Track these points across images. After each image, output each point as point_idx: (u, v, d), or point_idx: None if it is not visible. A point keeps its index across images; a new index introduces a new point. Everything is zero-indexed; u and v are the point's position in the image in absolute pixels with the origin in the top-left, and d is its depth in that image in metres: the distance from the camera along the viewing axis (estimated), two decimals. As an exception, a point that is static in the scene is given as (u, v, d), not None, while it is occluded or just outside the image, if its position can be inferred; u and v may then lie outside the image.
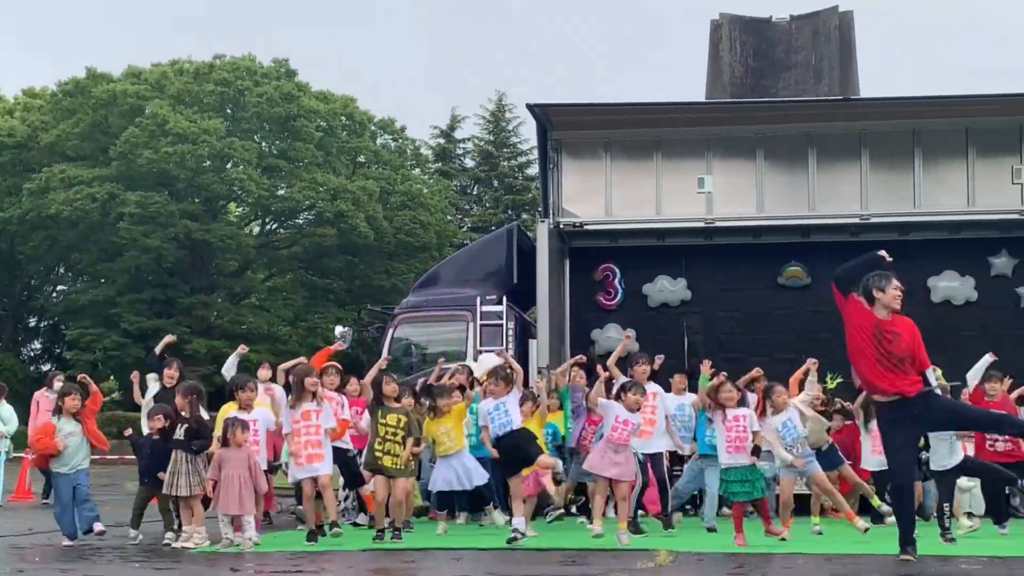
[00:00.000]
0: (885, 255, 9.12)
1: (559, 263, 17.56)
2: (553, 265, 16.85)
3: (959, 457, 11.52)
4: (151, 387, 13.35)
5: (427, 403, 12.06)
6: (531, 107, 16.79)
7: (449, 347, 17.57)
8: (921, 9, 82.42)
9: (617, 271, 17.93)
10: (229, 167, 39.11)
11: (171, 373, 13.16)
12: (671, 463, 13.99)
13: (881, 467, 11.86)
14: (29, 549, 11.12)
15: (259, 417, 11.75)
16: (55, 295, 43.75)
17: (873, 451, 12.81)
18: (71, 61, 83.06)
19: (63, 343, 41.61)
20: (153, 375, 13.46)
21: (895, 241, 15.51)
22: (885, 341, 8.98)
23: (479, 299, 17.03)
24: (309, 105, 39.58)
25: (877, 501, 12.51)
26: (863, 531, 11.06)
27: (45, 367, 40.64)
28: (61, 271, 43.68)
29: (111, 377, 41.72)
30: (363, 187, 38.96)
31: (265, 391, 12.70)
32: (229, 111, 39.79)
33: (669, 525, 12.56)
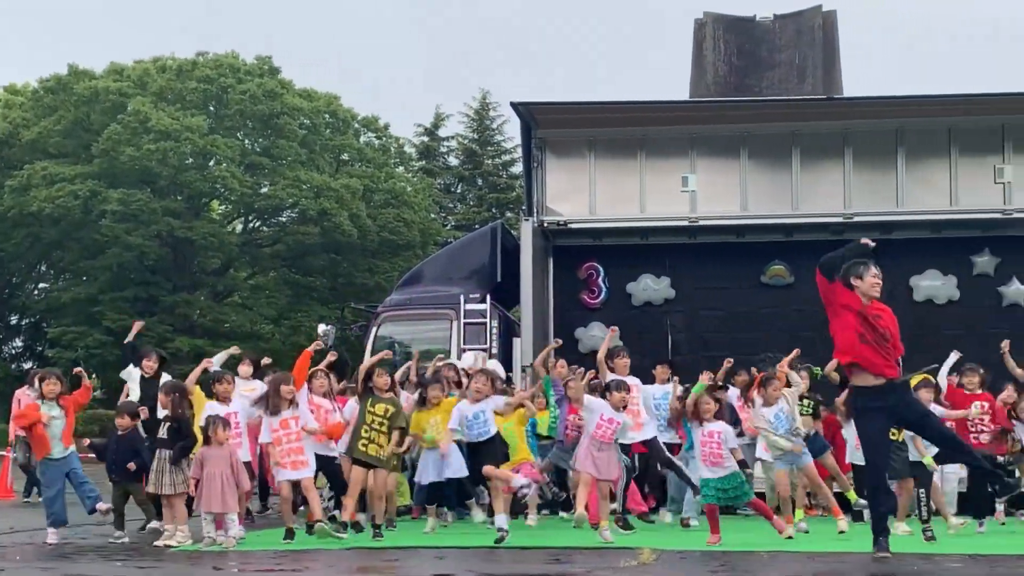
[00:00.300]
0: (869, 242, 9.18)
1: (543, 261, 17.56)
2: (537, 263, 16.84)
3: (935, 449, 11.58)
4: (132, 382, 13.29)
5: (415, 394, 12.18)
6: (515, 105, 16.78)
7: (432, 346, 17.54)
8: (904, 9, 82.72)
9: (601, 270, 17.95)
10: (212, 165, 38.96)
11: (150, 364, 13.10)
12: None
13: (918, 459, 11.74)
14: (10, 548, 11.05)
15: (239, 409, 11.71)
16: (36, 293, 43.54)
17: (858, 445, 12.83)
18: (53, 58, 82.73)
19: (45, 341, 41.41)
20: (130, 369, 13.39)
21: (878, 240, 15.52)
22: (869, 323, 9.06)
23: (463, 297, 17.00)
24: (292, 103, 39.48)
25: (854, 496, 12.56)
26: (842, 532, 11.06)
27: (26, 365, 40.48)
28: (43, 269, 43.47)
29: (93, 375, 41.55)
30: (346, 185, 38.89)
31: (246, 390, 12.70)
32: (212, 108, 39.64)
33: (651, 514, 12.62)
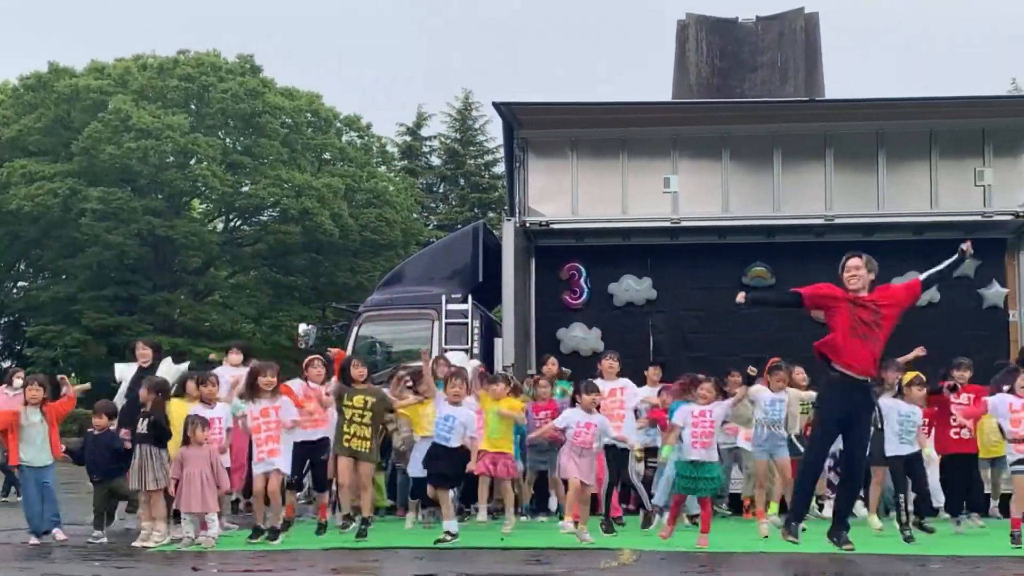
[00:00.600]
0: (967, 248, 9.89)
1: (525, 262, 17.55)
2: (519, 264, 16.83)
3: (912, 448, 11.62)
4: (126, 375, 13.23)
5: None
6: (497, 105, 16.75)
7: (414, 346, 17.51)
8: (886, 12, 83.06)
9: (583, 270, 17.93)
10: (193, 163, 38.81)
11: (143, 351, 13.04)
12: (646, 455, 14.10)
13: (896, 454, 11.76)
14: (-13, 548, 10.99)
15: (222, 415, 11.67)
16: (15, 291, 43.27)
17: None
18: (34, 55, 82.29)
19: (23, 340, 41.16)
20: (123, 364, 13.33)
21: (859, 242, 15.58)
22: (853, 316, 9.22)
23: (444, 297, 16.96)
24: (274, 101, 39.36)
25: (774, 507, 12.59)
26: (763, 536, 11.07)
27: (5, 364, 40.23)
28: (22, 267, 43.21)
29: (72, 375, 41.35)
30: (328, 184, 38.79)
31: (233, 377, 12.75)
32: (193, 107, 39.49)
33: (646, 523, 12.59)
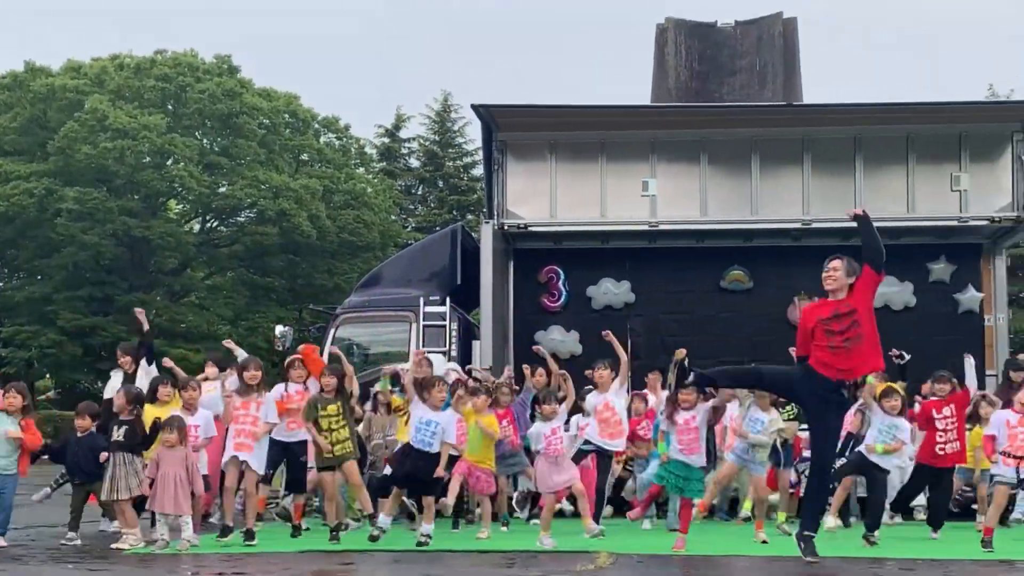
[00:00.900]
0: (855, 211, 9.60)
1: (503, 264, 17.55)
2: (497, 266, 16.82)
3: (897, 461, 11.67)
4: (112, 379, 13.15)
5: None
6: (476, 107, 16.74)
7: (391, 348, 17.48)
8: (864, 17, 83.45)
9: (561, 273, 17.95)
10: (170, 164, 38.62)
11: (124, 359, 12.95)
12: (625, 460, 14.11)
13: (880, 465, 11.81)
14: (-41, 550, 10.88)
15: (200, 423, 11.60)
16: (-10, 291, 42.97)
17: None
18: (9, 55, 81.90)
19: (-2, 340, 40.87)
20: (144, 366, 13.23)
21: (836, 246, 15.63)
22: (823, 324, 9.24)
23: (422, 300, 16.94)
24: (252, 102, 39.20)
25: (782, 517, 12.60)
26: (761, 540, 11.04)
27: (-21, 365, 39.95)
28: (-4, 267, 42.91)
29: (47, 375, 41.09)
30: (306, 185, 38.67)
31: (214, 387, 12.69)
32: (170, 107, 39.30)
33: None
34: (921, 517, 13.27)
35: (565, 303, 17.88)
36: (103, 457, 11.15)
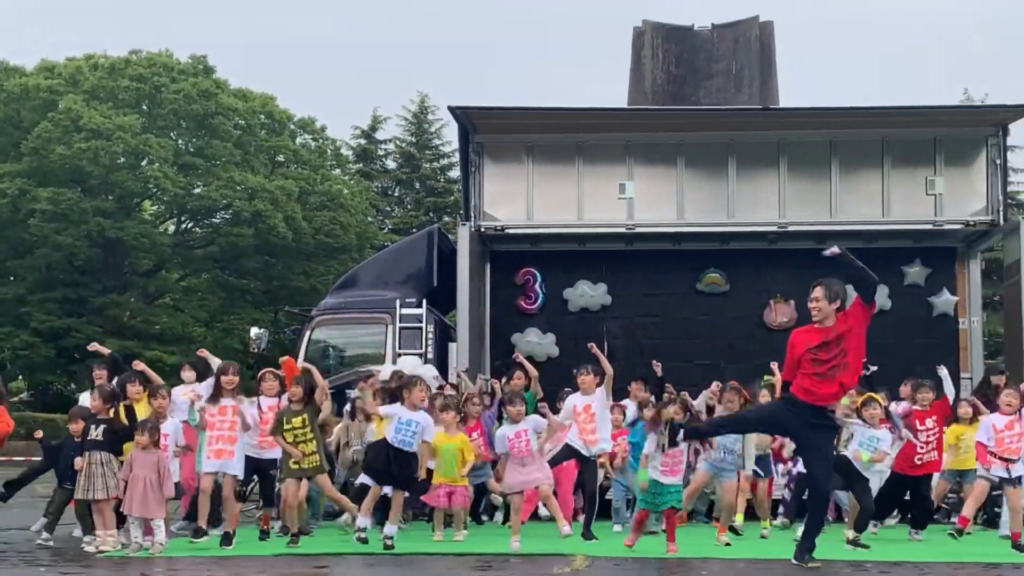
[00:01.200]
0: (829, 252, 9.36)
1: (480, 266, 17.52)
2: (474, 268, 16.80)
3: (882, 473, 11.70)
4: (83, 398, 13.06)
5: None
6: (453, 109, 16.72)
7: (368, 350, 17.43)
8: (840, 21, 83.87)
9: (538, 275, 17.94)
10: (144, 164, 38.44)
11: (99, 373, 12.88)
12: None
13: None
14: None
15: (170, 432, 11.50)
16: (-38, 293, 42.64)
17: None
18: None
19: (-30, 342, 40.57)
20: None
21: (812, 249, 15.68)
22: (809, 355, 9.21)
23: (399, 302, 16.88)
24: (227, 103, 39.07)
25: (767, 524, 12.62)
26: (724, 544, 11.03)
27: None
28: (-31, 268, 42.59)
29: (19, 377, 40.78)
30: (282, 187, 38.56)
31: (189, 392, 12.61)
32: (145, 107, 39.13)
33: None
34: (892, 522, 13.29)
35: (542, 305, 17.87)
36: (78, 464, 11.06)
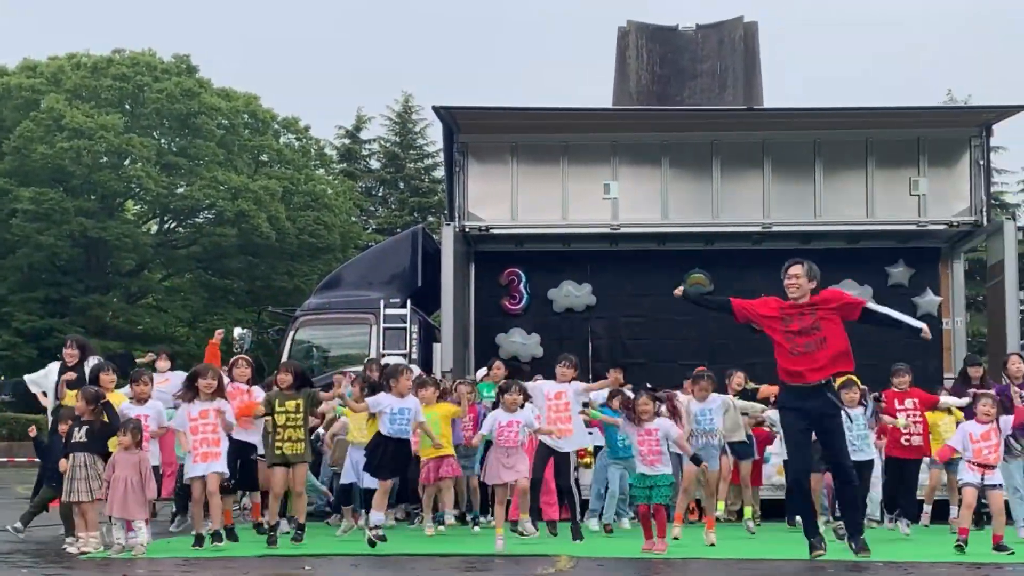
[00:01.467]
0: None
1: (464, 267, 17.49)
2: (458, 269, 16.76)
3: (865, 455, 11.73)
4: (52, 373, 12.99)
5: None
6: (437, 109, 16.68)
7: (352, 350, 17.38)
8: (823, 21, 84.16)
9: (522, 275, 17.92)
10: (127, 164, 38.31)
11: (71, 351, 12.84)
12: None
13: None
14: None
15: (151, 412, 11.47)
16: (-57, 293, 42.42)
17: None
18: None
19: (-49, 342, 40.36)
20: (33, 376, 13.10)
21: (796, 250, 15.71)
22: (783, 331, 9.20)
23: (383, 302, 16.83)
24: (210, 102, 38.96)
25: (749, 512, 12.65)
26: (710, 543, 11.03)
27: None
28: (-50, 268, 42.37)
29: (1, 377, 40.55)
30: (265, 186, 38.46)
31: (163, 380, 12.78)
32: (128, 107, 39.00)
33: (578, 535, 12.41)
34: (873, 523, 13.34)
35: (526, 306, 17.85)
36: (62, 466, 11.00)
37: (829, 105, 17.45)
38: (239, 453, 11.77)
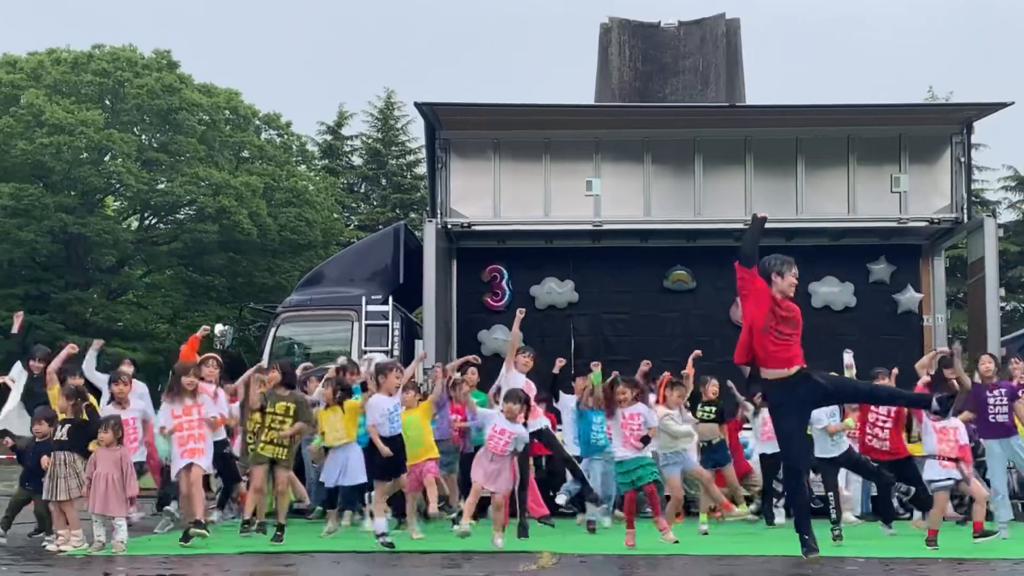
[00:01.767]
0: (763, 215, 9.22)
1: (446, 263, 17.47)
2: (440, 265, 16.74)
3: (843, 448, 11.75)
4: (19, 379, 12.86)
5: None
6: (419, 105, 16.64)
7: (333, 347, 17.34)
8: (806, 19, 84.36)
9: (505, 272, 17.91)
10: (107, 160, 38.07)
11: (36, 364, 12.74)
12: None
13: (774, 451, 11.92)
14: None
15: (136, 415, 11.47)
16: (-79, 289, 42.14)
17: (763, 436, 13.04)
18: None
19: (-71, 338, 40.10)
20: (18, 368, 12.96)
21: (778, 247, 15.76)
22: (777, 315, 9.12)
23: (364, 299, 16.82)
24: (191, 98, 38.74)
25: (744, 507, 12.69)
26: (750, 516, 11.05)
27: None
28: (-72, 264, 42.09)
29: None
30: (247, 183, 38.29)
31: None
32: (108, 102, 38.75)
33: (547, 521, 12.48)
34: (853, 517, 13.36)
35: (509, 302, 17.82)
36: (44, 463, 10.96)
37: (811, 102, 17.47)
38: (217, 450, 11.75)
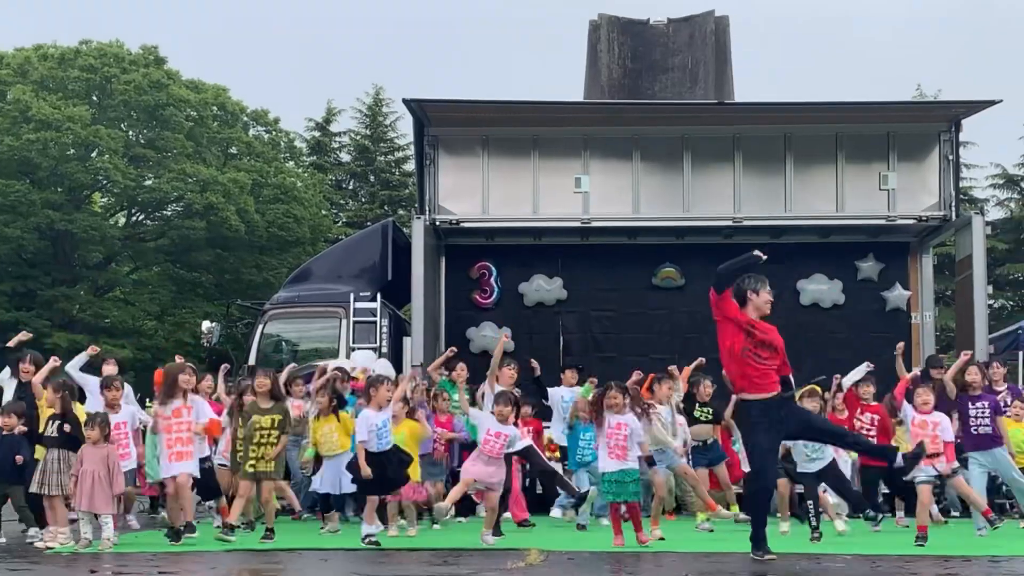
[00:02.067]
0: (760, 254, 9.12)
1: (435, 260, 17.45)
2: (428, 262, 16.72)
3: (827, 459, 11.73)
4: (7, 386, 12.75)
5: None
6: (408, 102, 16.62)
7: (321, 344, 17.32)
8: (795, 17, 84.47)
9: (493, 269, 17.89)
10: (94, 156, 37.92)
11: (26, 367, 12.64)
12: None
13: (805, 471, 11.83)
14: None
15: (127, 419, 11.42)
16: (-93, 285, 41.94)
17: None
18: (-72, 42, 79.85)
19: (-85, 335, 39.91)
20: (7, 373, 12.86)
21: (767, 244, 15.77)
22: (755, 340, 9.05)
23: (353, 296, 16.80)
24: (179, 94, 38.62)
25: (735, 508, 12.67)
26: (658, 537, 10.98)
27: None
28: (-86, 260, 41.89)
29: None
30: (234, 179, 38.18)
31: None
32: (95, 98, 38.60)
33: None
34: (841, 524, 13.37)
35: (497, 300, 17.82)
36: (19, 460, 10.92)
37: (799, 100, 17.50)
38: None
